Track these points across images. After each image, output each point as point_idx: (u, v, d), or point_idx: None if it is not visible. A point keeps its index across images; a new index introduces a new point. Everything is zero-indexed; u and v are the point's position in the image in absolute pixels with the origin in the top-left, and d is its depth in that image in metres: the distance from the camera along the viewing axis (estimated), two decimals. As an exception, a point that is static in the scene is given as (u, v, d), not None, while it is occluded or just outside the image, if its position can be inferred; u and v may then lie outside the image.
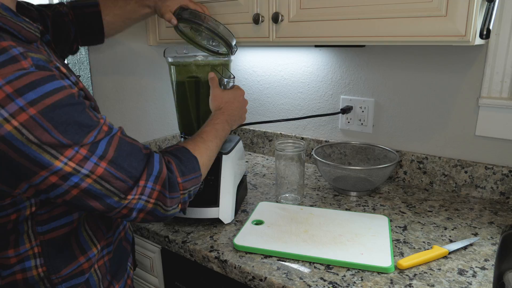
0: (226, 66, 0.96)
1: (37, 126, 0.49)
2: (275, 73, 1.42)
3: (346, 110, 1.26)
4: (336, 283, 0.71)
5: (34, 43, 0.56)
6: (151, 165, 0.62)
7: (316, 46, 1.23)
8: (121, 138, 0.60)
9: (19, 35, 0.53)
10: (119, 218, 0.62)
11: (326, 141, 1.34)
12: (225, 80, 0.92)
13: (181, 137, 1.01)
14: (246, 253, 0.82)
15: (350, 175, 1.15)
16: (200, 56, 0.94)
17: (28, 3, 0.76)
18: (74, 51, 0.94)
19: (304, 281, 0.72)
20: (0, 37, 0.49)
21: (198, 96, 0.95)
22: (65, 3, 0.91)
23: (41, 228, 0.60)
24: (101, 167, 0.55)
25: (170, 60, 0.95)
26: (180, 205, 0.67)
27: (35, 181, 0.51)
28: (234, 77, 0.94)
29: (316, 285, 0.71)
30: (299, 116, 1.35)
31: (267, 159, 1.45)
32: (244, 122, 0.96)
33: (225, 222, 0.93)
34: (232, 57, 1.01)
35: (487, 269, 0.75)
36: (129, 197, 0.59)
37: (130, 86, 1.31)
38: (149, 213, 0.63)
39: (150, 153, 0.63)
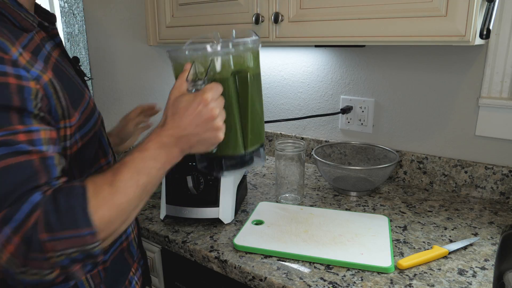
0: (211, 61, 0.62)
1: None
2: (275, 73, 1.42)
3: (346, 110, 1.26)
4: (336, 283, 0.71)
5: (30, 32, 0.57)
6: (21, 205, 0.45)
7: (316, 46, 1.23)
8: (12, 165, 0.46)
9: (15, 21, 0.55)
10: None
11: (326, 141, 1.34)
12: (200, 82, 0.61)
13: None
14: (246, 253, 0.82)
15: (350, 175, 1.15)
16: None
17: None
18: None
19: (304, 281, 0.72)
20: None
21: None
22: None
23: None
24: None
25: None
26: (57, 270, 0.47)
27: None
28: (206, 78, 0.61)
29: (316, 285, 0.71)
30: (299, 116, 1.35)
31: (267, 159, 1.45)
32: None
33: (225, 222, 0.93)
34: (233, 49, 0.67)
35: (487, 269, 0.75)
36: None
37: (130, 86, 1.31)
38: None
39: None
